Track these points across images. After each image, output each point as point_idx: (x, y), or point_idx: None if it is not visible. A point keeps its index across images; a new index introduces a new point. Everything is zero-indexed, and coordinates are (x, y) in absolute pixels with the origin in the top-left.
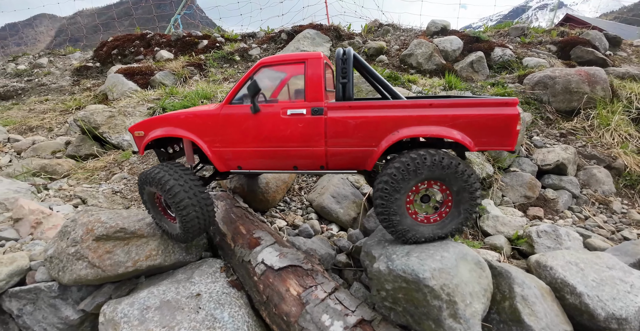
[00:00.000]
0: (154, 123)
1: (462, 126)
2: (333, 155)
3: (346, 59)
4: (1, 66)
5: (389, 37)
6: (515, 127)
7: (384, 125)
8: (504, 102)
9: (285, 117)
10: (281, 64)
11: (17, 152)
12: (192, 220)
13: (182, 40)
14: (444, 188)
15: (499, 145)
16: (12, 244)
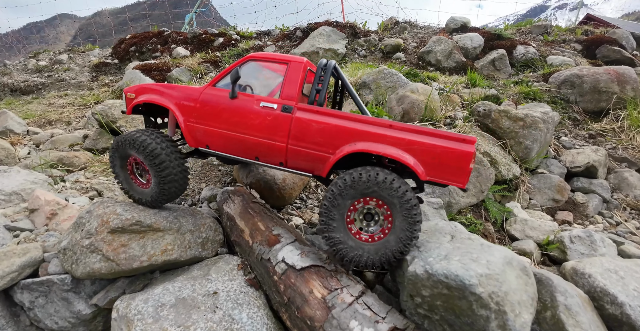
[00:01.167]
0: (145, 90)
1: (416, 152)
2: (292, 153)
3: (326, 69)
4: (22, 62)
5: (406, 34)
6: (468, 165)
7: (342, 135)
8: (462, 138)
9: (257, 108)
10: (267, 61)
11: (35, 145)
12: (170, 182)
13: (198, 38)
14: (382, 205)
15: (449, 180)
16: (27, 235)
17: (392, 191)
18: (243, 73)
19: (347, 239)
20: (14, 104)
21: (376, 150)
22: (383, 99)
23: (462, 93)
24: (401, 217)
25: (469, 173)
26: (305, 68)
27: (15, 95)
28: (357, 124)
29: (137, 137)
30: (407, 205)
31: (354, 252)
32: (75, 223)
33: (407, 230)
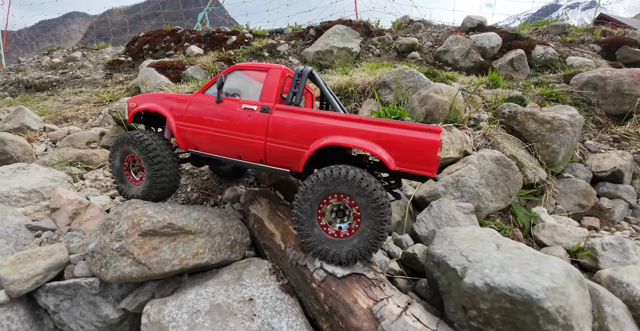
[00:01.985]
0: (144, 99)
1: (384, 144)
2: (271, 150)
3: (302, 74)
4: (36, 59)
5: (420, 33)
6: (434, 154)
7: (315, 131)
8: (428, 128)
9: (239, 110)
10: (250, 69)
11: (52, 141)
12: (162, 177)
13: (212, 36)
14: (353, 203)
15: (418, 169)
16: (49, 235)
17: (360, 189)
18: (230, 81)
19: (316, 233)
20: (30, 101)
21: (345, 142)
22: (404, 99)
23: (483, 94)
24: (369, 216)
25: (436, 162)
26: (284, 74)
27: (30, 91)
28: (329, 120)
29: (137, 134)
30: (374, 204)
31: (322, 246)
32: (103, 225)
33: (374, 229)
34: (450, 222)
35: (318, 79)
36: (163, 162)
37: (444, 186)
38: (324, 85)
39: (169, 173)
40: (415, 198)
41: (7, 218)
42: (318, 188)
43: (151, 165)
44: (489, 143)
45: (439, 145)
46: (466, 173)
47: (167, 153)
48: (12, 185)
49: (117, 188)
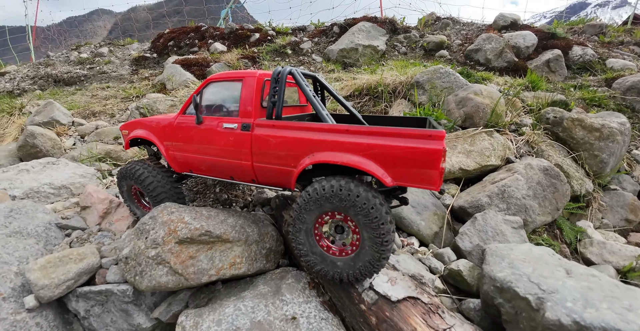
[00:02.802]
0: (134, 125)
1: (377, 157)
2: (259, 170)
3: (279, 79)
4: (65, 54)
5: (449, 31)
6: (437, 165)
7: (300, 147)
8: (428, 134)
9: (221, 130)
10: (225, 81)
11: (80, 136)
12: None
13: (235, 33)
14: (349, 220)
15: (419, 183)
16: (79, 234)
17: (357, 208)
18: (209, 95)
19: (315, 251)
20: (59, 95)
21: (332, 160)
22: (438, 100)
23: (522, 97)
24: (368, 235)
25: (440, 174)
26: (261, 81)
27: (58, 85)
28: (313, 134)
29: (131, 168)
30: (372, 223)
31: (321, 265)
32: (137, 229)
33: (374, 250)
34: (497, 236)
35: (300, 80)
36: (161, 190)
37: (489, 197)
38: (306, 86)
39: (170, 199)
40: (454, 208)
41: (37, 216)
42: (310, 206)
43: (152, 196)
44: (532, 151)
45: (442, 154)
46: (512, 183)
47: (165, 181)
48: (42, 180)
49: (132, 214)
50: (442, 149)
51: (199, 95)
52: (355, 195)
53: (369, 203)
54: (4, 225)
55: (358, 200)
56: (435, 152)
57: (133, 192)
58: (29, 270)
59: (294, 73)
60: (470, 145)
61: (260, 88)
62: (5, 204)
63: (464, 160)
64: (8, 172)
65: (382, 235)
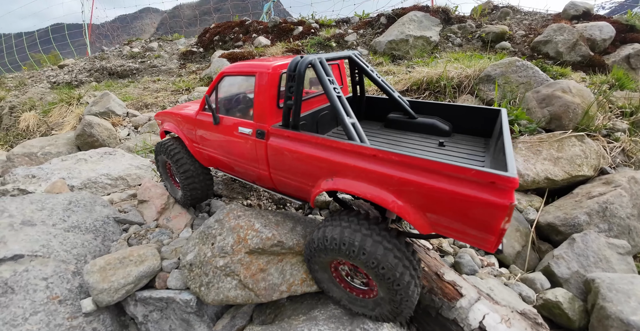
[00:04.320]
0: (164, 116)
1: (411, 196)
2: (277, 182)
3: (295, 76)
4: (118, 48)
5: (509, 21)
6: (496, 225)
7: (318, 167)
8: (493, 177)
9: (237, 134)
10: (238, 75)
11: (134, 127)
12: (193, 189)
13: (279, 27)
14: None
15: (466, 238)
16: (137, 229)
17: (367, 264)
18: (224, 91)
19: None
20: (113, 86)
21: (353, 191)
22: (513, 97)
23: (611, 97)
24: (381, 286)
25: (497, 234)
26: (276, 76)
27: (112, 78)
28: (334, 154)
29: (167, 144)
30: (387, 281)
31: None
32: (202, 234)
33: (392, 297)
34: (600, 263)
35: (322, 74)
36: (193, 176)
37: (588, 214)
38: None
39: (199, 185)
40: (540, 224)
41: (96, 209)
42: (319, 255)
43: (180, 173)
44: (629, 161)
45: (507, 212)
46: (616, 200)
47: (197, 164)
48: (100, 170)
49: (168, 192)
50: (508, 205)
51: (215, 91)
52: (360, 249)
53: (378, 262)
54: (62, 219)
55: (363, 256)
56: (497, 207)
57: (167, 167)
58: (88, 272)
59: (314, 64)
60: (558, 150)
61: (276, 86)
62: (65, 195)
63: (551, 168)
64: (67, 161)
65: (400, 294)
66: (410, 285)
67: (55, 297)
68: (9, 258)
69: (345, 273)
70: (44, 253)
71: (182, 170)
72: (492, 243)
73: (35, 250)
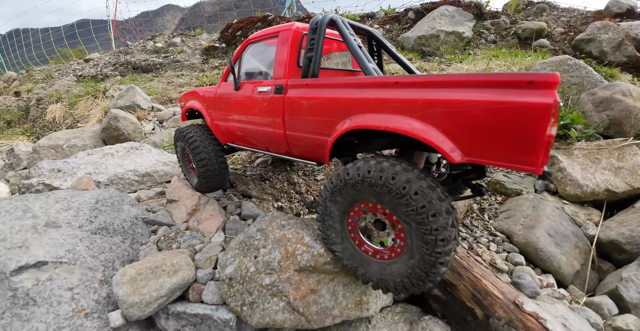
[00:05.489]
0: (188, 96)
1: (440, 119)
2: (292, 140)
3: (317, 29)
4: (142, 43)
5: (545, 17)
6: (542, 130)
7: (336, 109)
8: (528, 79)
9: (255, 95)
10: (263, 39)
11: (159, 121)
12: (208, 176)
13: (302, 22)
14: (390, 215)
15: (508, 160)
16: (166, 231)
17: (395, 196)
18: (248, 59)
19: (348, 249)
20: (138, 80)
21: (372, 124)
22: (564, 99)
23: None
24: (414, 232)
25: (544, 145)
26: (298, 34)
27: (137, 72)
28: (352, 91)
29: (186, 131)
30: (418, 216)
31: (360, 270)
32: (243, 244)
33: (424, 253)
34: None
35: (343, 28)
36: (206, 157)
37: None
38: (350, 36)
39: (213, 169)
40: (602, 240)
41: (124, 208)
42: (341, 194)
43: (195, 159)
44: None
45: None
46: None
47: (211, 148)
48: (127, 166)
49: (185, 178)
50: (551, 104)
51: (238, 60)
52: (390, 179)
53: (411, 187)
54: (89, 220)
55: (395, 185)
56: (539, 108)
57: (185, 154)
58: (117, 283)
59: (336, 20)
60: (618, 159)
61: (297, 44)
62: (91, 194)
63: (612, 178)
64: (93, 155)
65: (433, 232)
66: (451, 237)
67: (82, 310)
68: (32, 265)
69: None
70: (69, 259)
71: (199, 158)
72: (538, 159)
73: (60, 255)
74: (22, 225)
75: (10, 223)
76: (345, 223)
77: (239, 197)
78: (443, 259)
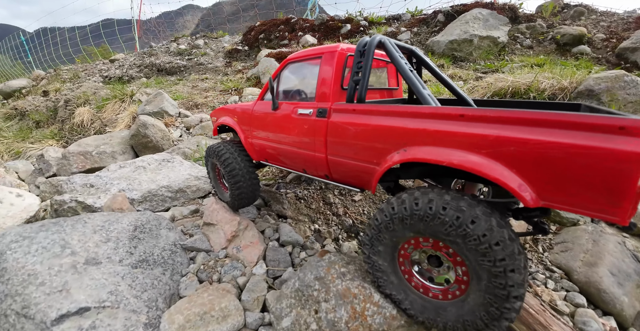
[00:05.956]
0: (220, 112)
1: (512, 159)
2: (334, 165)
3: (365, 52)
4: (165, 45)
5: (584, 21)
6: (631, 181)
7: (387, 138)
8: (618, 124)
9: (295, 117)
10: (304, 59)
11: (186, 128)
12: (240, 190)
13: (325, 25)
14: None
15: (588, 209)
16: (205, 259)
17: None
18: (287, 79)
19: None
20: (163, 84)
21: (434, 158)
22: None
23: None
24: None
25: (632, 196)
26: (342, 56)
27: (161, 74)
28: (408, 121)
29: (217, 148)
30: (487, 263)
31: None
32: (299, 292)
33: (491, 305)
34: None
35: (392, 50)
36: (239, 174)
37: None
38: (401, 59)
39: (246, 185)
40: None
41: (161, 233)
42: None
43: (229, 178)
44: None
45: None
46: None
47: (243, 165)
48: (160, 182)
49: (215, 193)
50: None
51: (277, 79)
52: (446, 213)
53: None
54: (129, 252)
55: (456, 221)
56: (630, 158)
57: (217, 170)
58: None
59: (385, 43)
60: None
61: (341, 66)
62: (129, 219)
63: None
64: (125, 169)
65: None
66: (522, 273)
67: None
68: (74, 313)
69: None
70: (112, 302)
71: (231, 175)
72: (626, 211)
73: (102, 299)
74: (62, 265)
75: (49, 262)
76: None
77: (274, 218)
78: (518, 293)
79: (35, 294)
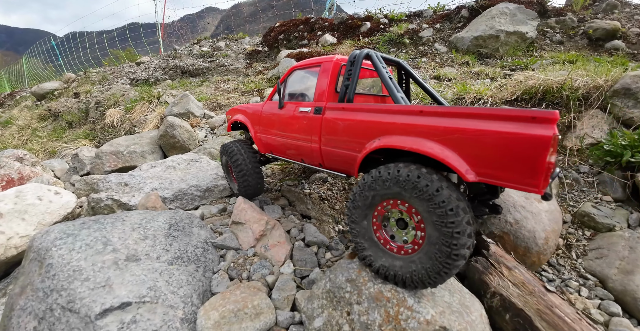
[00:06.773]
0: (235, 111)
1: (457, 144)
2: (326, 154)
3: (354, 62)
4: (188, 47)
5: (617, 14)
6: (542, 157)
7: (367, 131)
8: (532, 115)
9: (297, 114)
10: (306, 67)
11: (211, 128)
12: (247, 184)
13: (345, 24)
14: (412, 211)
15: (514, 181)
16: (234, 257)
17: (417, 191)
18: (292, 83)
19: (374, 247)
20: (188, 85)
21: (398, 144)
22: None
23: None
24: (434, 226)
25: (544, 170)
26: (337, 65)
27: (185, 76)
28: (382, 116)
29: (228, 145)
30: (438, 209)
31: (380, 262)
32: (331, 294)
33: (442, 244)
34: None
35: (376, 61)
36: (245, 169)
37: None
38: (383, 68)
39: (251, 178)
40: None
41: (193, 231)
42: (366, 193)
43: (236, 172)
44: None
45: (550, 144)
46: None
47: (249, 160)
48: (189, 181)
49: (228, 184)
50: (551, 136)
51: (284, 83)
52: (416, 177)
53: (434, 185)
54: (165, 249)
55: (419, 182)
56: (539, 139)
57: (228, 165)
58: (202, 329)
59: (371, 55)
60: None
61: (336, 73)
62: (164, 217)
63: None
64: (156, 168)
65: (450, 224)
66: (465, 233)
67: None
68: (117, 307)
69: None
70: (151, 297)
71: (239, 169)
72: (539, 182)
73: (142, 294)
74: (104, 261)
75: (92, 259)
76: (370, 221)
77: (298, 218)
78: (459, 252)
79: (80, 289)
